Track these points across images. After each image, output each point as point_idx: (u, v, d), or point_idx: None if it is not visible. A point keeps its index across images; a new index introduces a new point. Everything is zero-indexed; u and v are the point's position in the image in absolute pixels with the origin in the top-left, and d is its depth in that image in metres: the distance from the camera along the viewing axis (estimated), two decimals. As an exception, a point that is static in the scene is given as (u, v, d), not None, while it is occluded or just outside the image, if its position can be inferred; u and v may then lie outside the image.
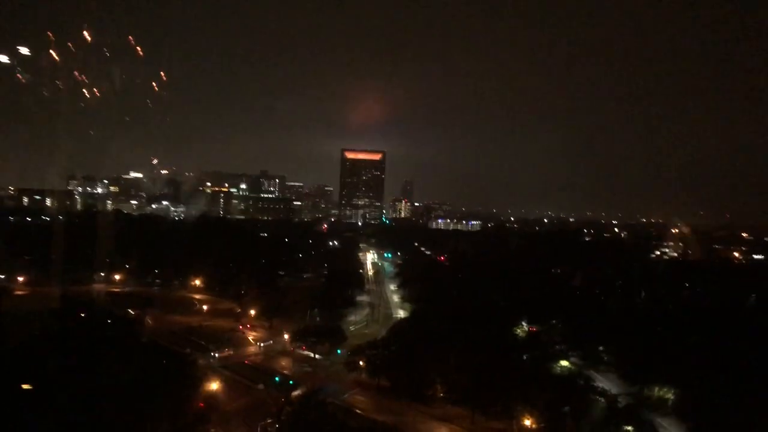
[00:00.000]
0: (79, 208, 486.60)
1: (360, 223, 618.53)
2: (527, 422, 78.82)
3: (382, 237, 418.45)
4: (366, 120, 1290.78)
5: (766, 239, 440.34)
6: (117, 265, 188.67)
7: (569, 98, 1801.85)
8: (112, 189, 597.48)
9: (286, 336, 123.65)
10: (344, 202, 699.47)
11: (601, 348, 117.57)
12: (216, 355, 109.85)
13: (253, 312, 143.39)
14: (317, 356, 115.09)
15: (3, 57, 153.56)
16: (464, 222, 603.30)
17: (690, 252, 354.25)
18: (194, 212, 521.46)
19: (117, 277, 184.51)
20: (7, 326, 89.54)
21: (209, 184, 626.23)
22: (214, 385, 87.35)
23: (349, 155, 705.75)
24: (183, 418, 65.06)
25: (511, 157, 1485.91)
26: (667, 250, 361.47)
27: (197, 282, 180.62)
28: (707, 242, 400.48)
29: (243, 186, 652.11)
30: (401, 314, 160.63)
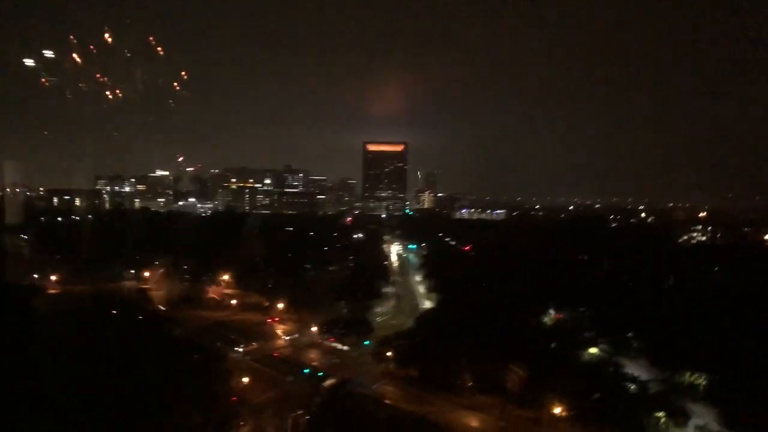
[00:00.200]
0: (108, 207, 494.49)
1: (384, 215, 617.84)
2: (557, 410, 78.68)
3: (406, 228, 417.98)
4: (387, 112, 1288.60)
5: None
6: (146, 262, 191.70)
7: (593, 83, 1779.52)
8: (139, 187, 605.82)
9: (314, 328, 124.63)
10: (367, 195, 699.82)
11: (630, 334, 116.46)
12: (240, 349, 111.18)
13: (281, 305, 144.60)
14: (345, 348, 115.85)
15: (29, 60, 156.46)
16: (489, 211, 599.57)
17: (719, 235, 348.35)
18: (220, 208, 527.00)
19: (147, 274, 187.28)
20: (41, 325, 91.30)
21: (234, 180, 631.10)
22: (245, 379, 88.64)
23: (371, 148, 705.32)
24: (215, 412, 66.11)
25: (536, 145, 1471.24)
26: (696, 234, 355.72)
27: (225, 277, 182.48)
28: (737, 225, 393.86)
29: (268, 181, 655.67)
30: (427, 305, 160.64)
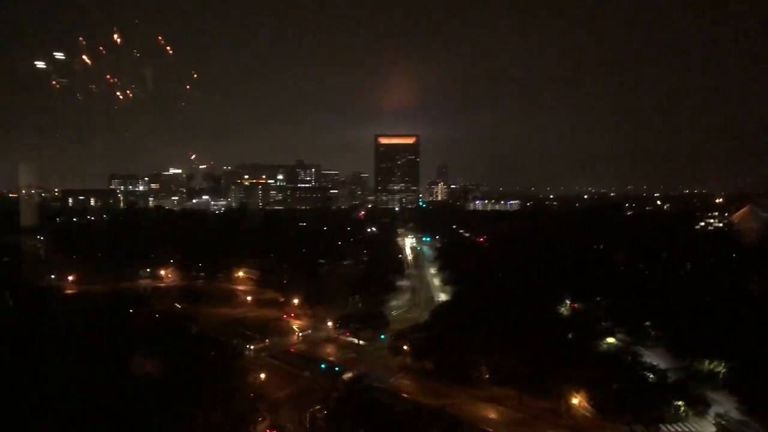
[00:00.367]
0: (122, 206, 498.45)
1: (397, 208, 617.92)
2: (575, 401, 78.30)
3: (420, 221, 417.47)
4: (399, 105, 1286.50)
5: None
6: (161, 261, 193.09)
7: (607, 71, 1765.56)
8: (153, 186, 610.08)
9: (329, 323, 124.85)
10: (380, 188, 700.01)
11: (648, 323, 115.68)
12: (257, 346, 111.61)
13: (296, 301, 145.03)
14: (361, 342, 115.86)
15: (40, 63, 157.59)
16: (502, 202, 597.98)
17: (736, 222, 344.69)
18: (234, 205, 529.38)
19: (162, 272, 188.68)
20: (59, 325, 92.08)
21: (247, 177, 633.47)
22: (262, 375, 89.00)
23: (383, 141, 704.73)
24: (233, 408, 66.38)
25: (548, 134, 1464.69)
26: (713, 221, 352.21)
27: (240, 274, 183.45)
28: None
29: (280, 177, 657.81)
30: (442, 297, 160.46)
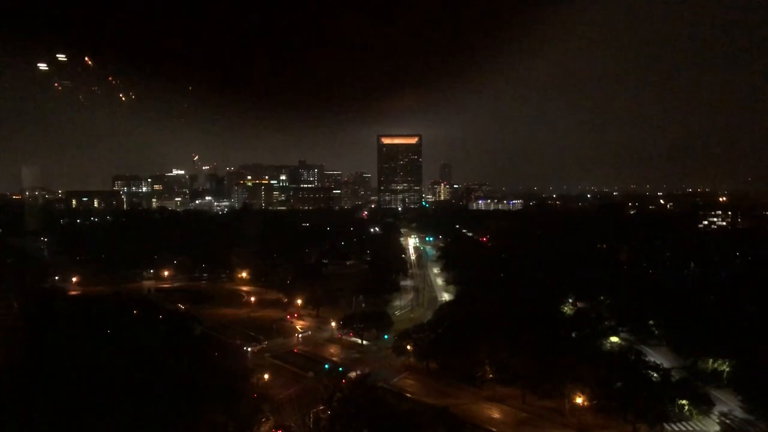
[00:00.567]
0: (125, 208, 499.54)
1: (400, 208, 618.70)
2: (579, 400, 78.20)
3: (423, 220, 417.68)
4: (401, 105, 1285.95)
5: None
6: (165, 262, 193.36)
7: (608, 70, 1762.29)
8: (156, 187, 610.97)
9: (333, 323, 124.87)
10: (383, 188, 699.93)
11: (652, 322, 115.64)
12: (260, 346, 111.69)
13: (300, 301, 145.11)
14: (365, 342, 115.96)
15: (42, 65, 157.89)
16: (505, 201, 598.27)
17: (739, 220, 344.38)
18: (237, 206, 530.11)
19: (166, 273, 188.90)
20: (64, 327, 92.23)
21: (250, 177, 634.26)
22: (266, 375, 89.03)
23: (386, 141, 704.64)
24: (238, 408, 66.39)
25: (550, 133, 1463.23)
26: (716, 220, 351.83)
27: (244, 274, 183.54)
28: (757, 209, 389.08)
29: (283, 177, 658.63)
30: (446, 297, 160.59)
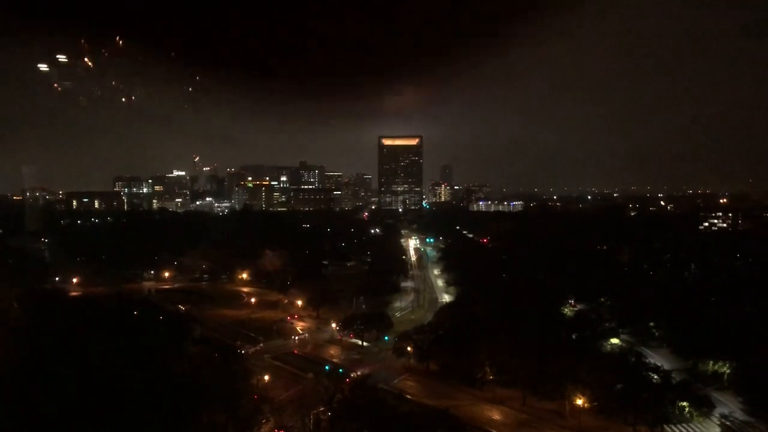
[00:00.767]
0: (126, 209, 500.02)
1: (400, 209, 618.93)
2: (579, 402, 78.17)
3: (423, 222, 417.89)
4: (402, 106, 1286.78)
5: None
6: (165, 262, 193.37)
7: (609, 72, 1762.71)
8: (157, 188, 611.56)
9: (334, 325, 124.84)
10: (383, 189, 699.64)
11: (652, 324, 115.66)
12: (260, 347, 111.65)
13: (300, 302, 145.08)
14: (365, 343, 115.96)
15: (43, 66, 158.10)
16: (506, 203, 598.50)
17: (740, 222, 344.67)
18: (237, 207, 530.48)
19: (166, 274, 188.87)
20: (64, 328, 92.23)
21: (250, 179, 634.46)
22: (266, 376, 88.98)
23: (386, 142, 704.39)
24: (237, 410, 66.34)
25: (551, 135, 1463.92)
26: (716, 221, 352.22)
27: (244, 275, 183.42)
28: (758, 210, 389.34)
29: (283, 178, 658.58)
30: (446, 298, 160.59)
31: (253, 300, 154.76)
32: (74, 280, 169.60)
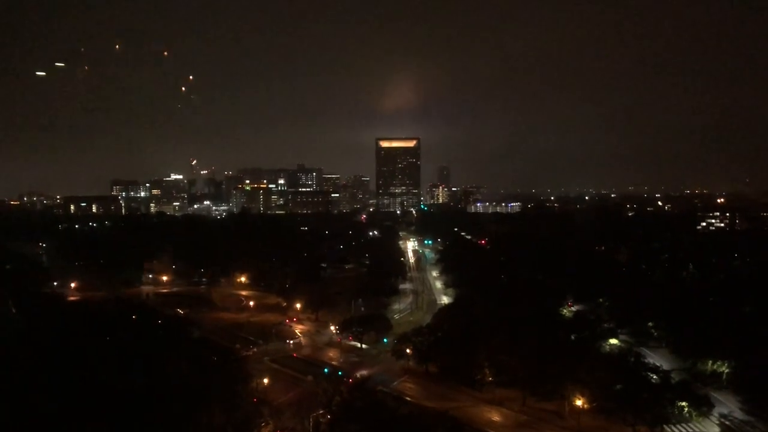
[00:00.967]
0: (124, 213, 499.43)
1: (398, 211, 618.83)
2: (578, 402, 78.21)
3: (421, 224, 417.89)
4: (399, 107, 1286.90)
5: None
6: (164, 266, 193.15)
7: (606, 72, 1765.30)
8: (155, 192, 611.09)
9: (332, 327, 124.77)
10: (381, 191, 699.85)
11: (651, 324, 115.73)
12: (259, 350, 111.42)
13: (299, 305, 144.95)
14: (364, 346, 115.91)
15: (40, 72, 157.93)
16: (503, 204, 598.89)
17: (737, 221, 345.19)
18: (235, 210, 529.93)
19: (164, 278, 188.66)
20: (63, 332, 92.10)
21: (248, 181, 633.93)
22: (265, 379, 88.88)
23: (384, 144, 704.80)
24: (237, 412, 66.29)
25: (548, 136, 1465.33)
26: (714, 221, 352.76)
27: (243, 278, 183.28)
28: (755, 210, 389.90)
29: (281, 181, 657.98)
30: (445, 300, 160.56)
31: (252, 303, 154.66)
32: (72, 285, 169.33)
